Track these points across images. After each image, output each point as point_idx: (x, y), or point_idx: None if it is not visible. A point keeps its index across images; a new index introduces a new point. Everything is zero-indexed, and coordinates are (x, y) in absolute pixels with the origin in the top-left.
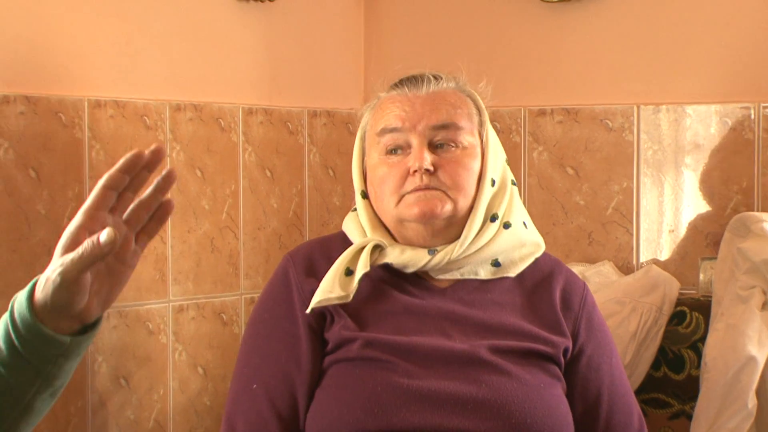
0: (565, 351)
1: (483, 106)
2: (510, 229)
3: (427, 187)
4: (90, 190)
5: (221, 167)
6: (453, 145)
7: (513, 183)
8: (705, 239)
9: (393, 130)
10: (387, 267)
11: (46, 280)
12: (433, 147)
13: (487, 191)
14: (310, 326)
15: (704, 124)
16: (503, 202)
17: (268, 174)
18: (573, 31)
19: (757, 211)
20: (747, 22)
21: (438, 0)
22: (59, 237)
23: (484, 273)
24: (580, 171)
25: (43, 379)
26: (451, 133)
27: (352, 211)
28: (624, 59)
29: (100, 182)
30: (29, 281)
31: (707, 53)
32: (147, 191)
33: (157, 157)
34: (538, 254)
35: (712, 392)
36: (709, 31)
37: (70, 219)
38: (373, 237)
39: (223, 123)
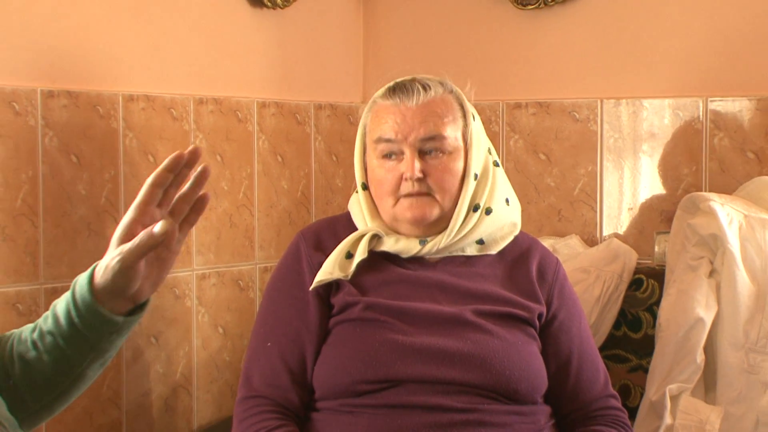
0: (540, 316)
1: (467, 105)
2: (491, 214)
3: (418, 193)
4: (124, 173)
5: (238, 153)
6: (440, 151)
7: (496, 164)
8: (659, 216)
9: (388, 140)
10: None
11: (105, 267)
12: (423, 154)
13: (471, 186)
14: (318, 292)
15: (659, 116)
16: (485, 191)
17: (279, 159)
18: (545, 34)
19: (705, 191)
20: (696, 27)
21: (428, 8)
22: (97, 214)
23: (470, 250)
24: (551, 156)
25: (96, 352)
26: (437, 142)
27: (356, 193)
28: (589, 59)
29: (148, 180)
30: (71, 252)
31: (661, 54)
32: (186, 186)
33: (194, 156)
34: (516, 232)
35: (665, 349)
36: (663, 35)
37: (107, 198)
38: (372, 226)
39: (240, 115)
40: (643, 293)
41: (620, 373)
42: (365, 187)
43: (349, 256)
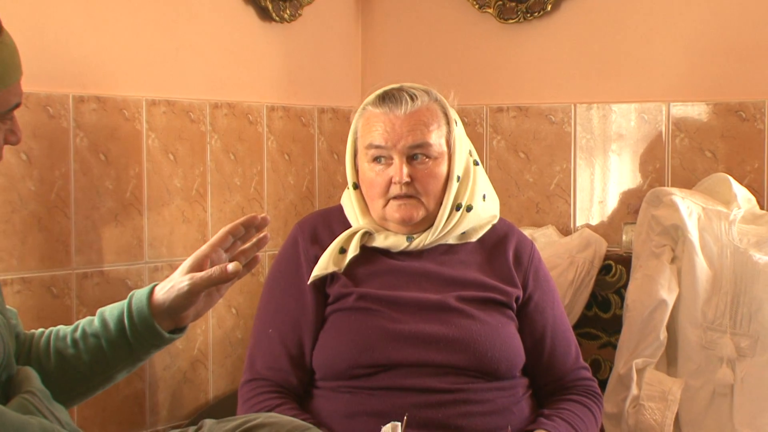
0: (517, 299)
1: (451, 112)
2: (472, 211)
3: (406, 195)
4: (147, 170)
5: (250, 152)
6: (425, 157)
7: (476, 163)
8: (627, 208)
9: (378, 146)
10: None
11: (171, 287)
12: (410, 159)
13: (454, 188)
14: (314, 284)
15: (626, 119)
16: (467, 190)
17: (286, 157)
18: (524, 46)
19: (667, 186)
20: (658, 39)
21: (420, 22)
22: (123, 206)
23: (453, 240)
24: (529, 155)
25: (133, 359)
26: (423, 149)
27: (347, 189)
28: (564, 68)
29: (225, 228)
30: (100, 241)
31: (628, 63)
32: (248, 244)
33: (264, 222)
34: (495, 222)
35: (632, 327)
36: (630, 47)
37: (132, 192)
38: (363, 223)
39: (251, 117)
40: (612, 277)
41: (591, 349)
42: (356, 186)
43: (342, 251)
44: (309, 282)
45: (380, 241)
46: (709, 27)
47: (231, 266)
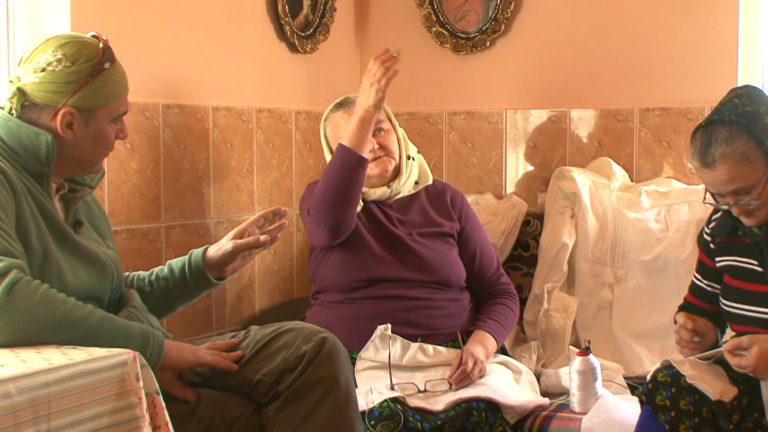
0: (456, 230)
1: (390, 111)
2: (415, 160)
3: (379, 156)
4: (212, 155)
5: (283, 142)
6: (383, 129)
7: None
8: (541, 181)
9: None
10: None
11: (220, 247)
12: (376, 132)
13: (402, 144)
14: None
15: (540, 120)
16: (407, 146)
17: (308, 146)
18: (471, 70)
19: (568, 166)
20: (563, 66)
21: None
22: (196, 180)
23: (412, 190)
24: (474, 145)
25: (189, 297)
26: (381, 124)
27: None
28: (498, 85)
29: (259, 213)
30: (181, 204)
31: (542, 82)
32: (273, 226)
33: (285, 213)
34: (427, 168)
35: (544, 262)
36: (544, 71)
37: (202, 170)
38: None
39: (284, 119)
40: (530, 228)
41: (517, 277)
42: None
43: None
44: None
45: (376, 196)
46: (595, 57)
47: (262, 237)
